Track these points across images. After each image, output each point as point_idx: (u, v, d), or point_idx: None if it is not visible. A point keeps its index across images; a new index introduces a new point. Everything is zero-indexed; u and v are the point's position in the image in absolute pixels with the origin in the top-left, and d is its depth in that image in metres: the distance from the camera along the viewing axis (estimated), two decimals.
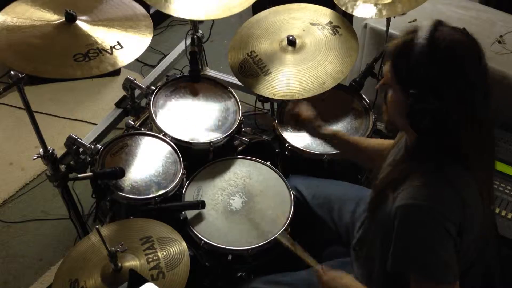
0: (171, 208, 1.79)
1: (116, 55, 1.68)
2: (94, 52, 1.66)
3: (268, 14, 2.23)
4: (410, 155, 1.28)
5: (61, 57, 1.63)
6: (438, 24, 1.18)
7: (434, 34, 1.15)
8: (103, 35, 1.72)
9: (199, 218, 1.78)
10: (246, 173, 1.93)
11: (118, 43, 1.72)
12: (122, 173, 1.77)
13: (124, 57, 1.69)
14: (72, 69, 1.61)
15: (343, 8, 1.99)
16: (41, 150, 1.80)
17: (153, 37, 1.80)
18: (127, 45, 1.72)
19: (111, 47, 1.70)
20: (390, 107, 1.27)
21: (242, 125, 2.08)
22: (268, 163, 1.96)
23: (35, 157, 1.80)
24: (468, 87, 1.16)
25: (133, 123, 2.10)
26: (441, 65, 1.14)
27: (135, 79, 2.12)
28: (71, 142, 1.89)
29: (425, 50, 1.14)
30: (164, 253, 1.52)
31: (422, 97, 1.16)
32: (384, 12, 1.92)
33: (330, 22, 2.15)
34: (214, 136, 1.98)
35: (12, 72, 1.58)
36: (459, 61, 1.15)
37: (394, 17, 2.01)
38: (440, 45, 1.14)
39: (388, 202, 1.26)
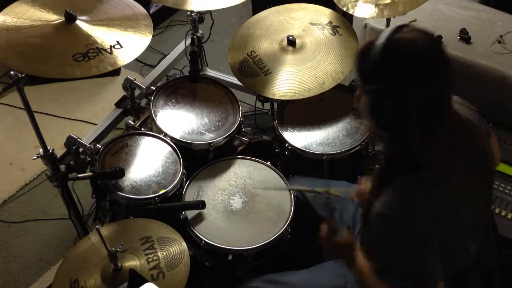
0: (171, 208, 1.79)
1: (115, 55, 1.68)
2: (93, 51, 1.66)
3: (268, 14, 2.23)
4: (387, 160, 1.28)
5: (61, 57, 1.63)
6: (399, 26, 1.21)
7: (391, 35, 1.18)
8: (102, 35, 1.73)
9: (199, 218, 1.77)
10: (246, 173, 1.93)
11: (118, 42, 1.72)
12: (122, 173, 1.77)
13: (123, 56, 1.69)
14: (71, 68, 1.61)
15: (343, 8, 1.99)
16: (41, 150, 1.79)
17: (153, 37, 1.80)
18: (127, 44, 1.72)
19: (110, 46, 1.70)
20: (363, 111, 1.28)
21: (242, 125, 2.08)
22: (268, 163, 1.96)
23: (35, 157, 1.80)
24: (422, 85, 1.16)
25: (133, 123, 2.10)
26: (393, 62, 1.17)
27: (135, 79, 2.12)
28: (71, 142, 1.89)
29: (380, 48, 1.17)
30: (164, 253, 1.52)
31: (380, 94, 1.19)
32: (385, 12, 1.92)
33: (330, 22, 2.15)
34: (214, 136, 1.98)
35: (12, 72, 1.58)
36: (411, 59, 1.17)
37: (394, 17, 2.01)
38: (393, 44, 1.17)
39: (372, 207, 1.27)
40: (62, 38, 1.69)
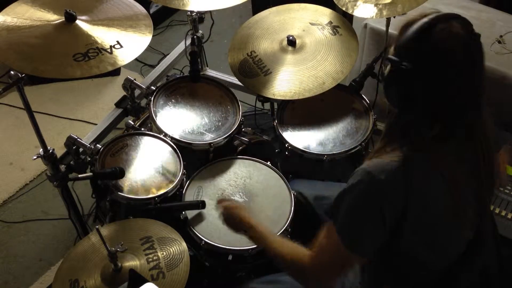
0: (171, 208, 1.79)
1: (116, 55, 1.68)
2: (93, 51, 1.66)
3: (268, 14, 2.23)
4: (388, 130, 1.29)
5: (61, 56, 1.63)
6: (449, 15, 1.20)
7: (440, 20, 1.17)
8: (102, 35, 1.73)
9: (199, 218, 1.78)
10: (246, 173, 1.93)
11: (118, 42, 1.72)
12: (122, 173, 1.77)
13: (124, 56, 1.69)
14: (72, 68, 1.61)
15: (343, 8, 1.99)
16: (41, 150, 1.79)
17: (153, 37, 1.80)
18: (127, 44, 1.72)
19: (110, 46, 1.70)
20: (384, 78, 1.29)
21: (242, 125, 2.08)
22: (268, 163, 1.96)
23: (35, 157, 1.80)
24: (445, 74, 1.16)
25: (133, 123, 2.10)
26: (428, 43, 1.16)
27: (135, 79, 2.12)
28: (71, 142, 1.89)
29: (423, 27, 1.16)
30: (164, 253, 1.52)
31: (399, 65, 1.18)
32: (384, 12, 1.92)
33: (330, 22, 2.15)
34: (214, 136, 1.98)
35: (12, 72, 1.58)
36: (446, 50, 1.16)
37: (394, 17, 2.01)
38: (437, 28, 1.16)
39: None
40: (62, 38, 1.68)
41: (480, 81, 1.21)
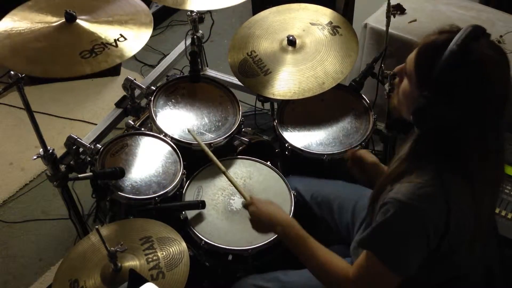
0: (171, 208, 1.79)
1: (121, 47, 1.69)
2: (99, 47, 1.66)
3: (268, 14, 2.23)
4: (412, 153, 1.28)
5: (68, 56, 1.64)
6: (477, 32, 1.15)
7: (470, 43, 1.12)
8: (104, 30, 1.73)
9: (199, 218, 1.78)
10: (246, 173, 1.93)
11: (121, 35, 1.72)
12: (122, 173, 1.77)
13: (130, 48, 1.70)
14: (81, 66, 1.61)
15: None
16: (41, 150, 1.79)
17: (153, 37, 1.80)
18: (130, 36, 1.73)
19: (115, 40, 1.70)
20: (400, 95, 1.27)
21: (242, 125, 2.08)
22: (268, 163, 1.96)
23: (35, 157, 1.80)
24: (485, 104, 1.15)
25: (133, 123, 2.10)
26: (465, 76, 1.12)
27: (135, 79, 2.12)
28: (71, 142, 1.89)
29: (455, 56, 1.12)
30: (164, 253, 1.52)
31: (434, 100, 1.15)
32: None
33: (330, 22, 2.15)
34: (214, 136, 1.98)
35: (12, 72, 1.58)
36: (485, 78, 1.13)
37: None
38: (471, 56, 1.12)
39: (384, 193, 1.28)
40: (65, 38, 1.68)
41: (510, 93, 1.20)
